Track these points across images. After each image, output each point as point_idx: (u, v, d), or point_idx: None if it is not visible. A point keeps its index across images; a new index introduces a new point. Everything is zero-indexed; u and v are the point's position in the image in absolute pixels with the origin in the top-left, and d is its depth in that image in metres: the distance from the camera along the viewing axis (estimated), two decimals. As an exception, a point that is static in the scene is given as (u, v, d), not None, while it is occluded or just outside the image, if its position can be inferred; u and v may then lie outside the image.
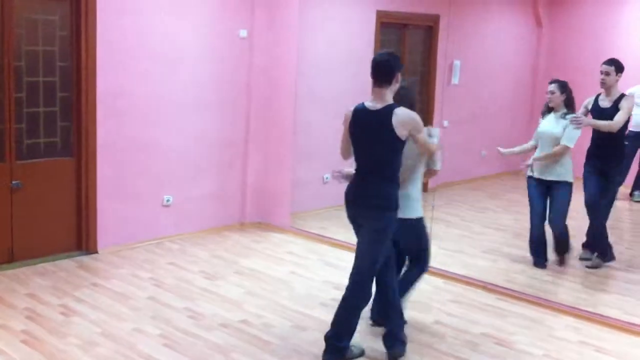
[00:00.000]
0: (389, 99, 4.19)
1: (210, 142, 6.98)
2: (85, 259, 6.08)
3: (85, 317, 4.84)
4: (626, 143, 6.44)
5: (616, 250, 6.53)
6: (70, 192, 6.09)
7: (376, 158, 4.22)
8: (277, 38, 7.17)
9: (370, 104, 4.23)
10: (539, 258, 6.32)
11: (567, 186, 6.07)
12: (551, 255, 6.35)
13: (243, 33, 7.05)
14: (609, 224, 6.43)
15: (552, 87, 6.12)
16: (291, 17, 7.08)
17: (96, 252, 6.22)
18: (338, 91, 8.08)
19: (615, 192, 6.43)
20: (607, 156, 6.21)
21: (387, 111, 4.12)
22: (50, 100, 5.91)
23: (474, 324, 5.02)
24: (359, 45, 8.24)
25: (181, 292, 5.41)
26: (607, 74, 6.23)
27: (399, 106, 4.14)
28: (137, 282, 5.60)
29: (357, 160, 4.35)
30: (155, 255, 6.28)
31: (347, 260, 6.37)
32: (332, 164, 8.10)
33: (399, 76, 4.23)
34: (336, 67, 8.05)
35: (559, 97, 6.07)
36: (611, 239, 6.47)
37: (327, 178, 8.20)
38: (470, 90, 9.65)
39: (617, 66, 6.24)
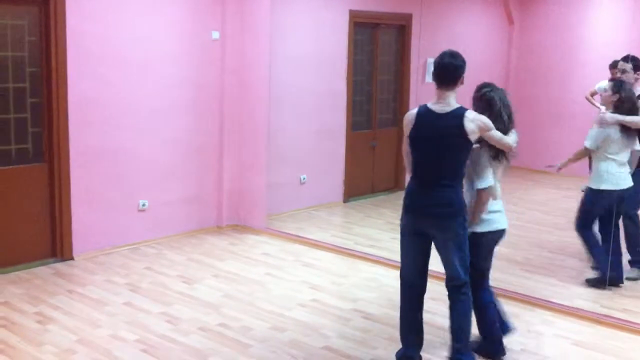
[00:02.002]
0: (454, 102, 4.02)
1: (184, 146, 6.95)
2: (61, 266, 6.02)
3: (61, 325, 4.80)
4: None
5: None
6: (44, 199, 6.02)
7: (445, 164, 4.01)
8: (249, 40, 7.15)
9: (436, 106, 4.02)
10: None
11: (589, 192, 5.78)
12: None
13: (215, 35, 7.02)
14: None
15: (607, 84, 5.72)
16: (263, 18, 7.07)
17: (71, 258, 6.16)
18: (312, 92, 8.10)
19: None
20: None
21: (459, 114, 3.94)
22: (21, 107, 5.84)
23: (452, 320, 5.04)
24: (332, 45, 8.26)
25: (158, 297, 5.38)
26: (624, 71, 5.91)
27: (467, 109, 4.00)
28: (113, 288, 5.55)
29: (419, 166, 4.09)
30: (132, 260, 6.24)
31: (323, 260, 6.41)
32: (308, 165, 8.18)
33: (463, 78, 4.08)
34: (309, 68, 8.05)
35: (609, 97, 5.62)
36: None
37: (303, 179, 8.21)
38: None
39: (635, 64, 5.91)
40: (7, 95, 5.75)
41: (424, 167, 4.08)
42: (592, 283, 5.85)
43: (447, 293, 4.28)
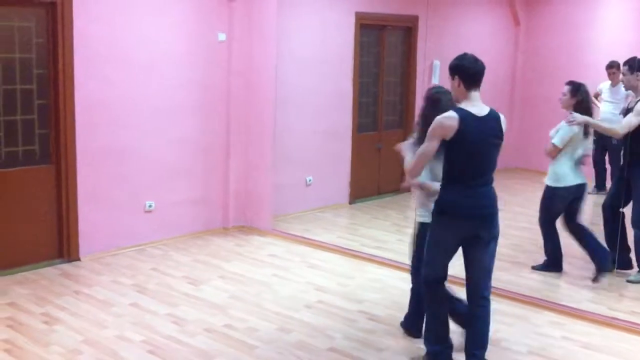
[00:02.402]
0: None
1: (191, 147, 6.96)
2: (67, 267, 6.03)
3: (67, 325, 4.80)
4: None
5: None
6: (51, 200, 6.03)
7: (491, 164, 4.10)
8: (255, 41, 7.16)
9: (473, 109, 4.01)
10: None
11: (546, 189, 6.07)
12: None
13: (221, 37, 7.03)
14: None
15: (565, 88, 5.96)
16: (270, 20, 7.07)
17: (78, 259, 6.17)
18: (318, 93, 8.10)
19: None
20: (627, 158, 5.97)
21: (496, 116, 4.07)
22: (28, 108, 5.85)
23: (458, 322, 5.03)
24: (338, 47, 8.26)
25: (164, 298, 5.38)
26: (623, 74, 6.00)
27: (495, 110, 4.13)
28: (119, 288, 5.56)
29: (463, 169, 4.03)
30: (138, 261, 6.24)
31: (329, 261, 6.39)
32: (314, 166, 8.17)
33: None
34: (316, 69, 8.05)
35: (568, 100, 5.91)
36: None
37: (309, 180, 8.21)
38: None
39: (630, 65, 5.92)
40: (15, 97, 5.77)
41: (472, 169, 4.04)
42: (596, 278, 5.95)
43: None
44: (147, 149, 6.58)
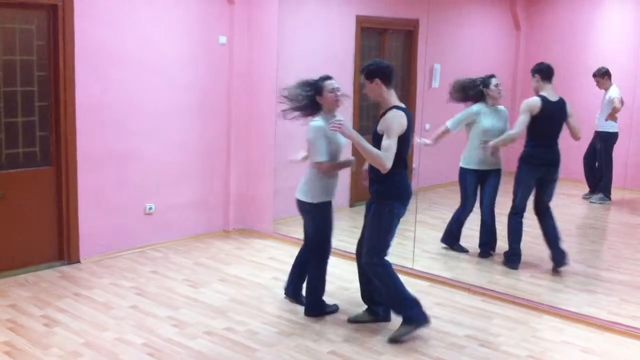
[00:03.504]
0: None
1: (192, 150, 6.96)
2: (67, 269, 6.03)
3: (67, 328, 4.80)
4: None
5: (598, 250, 6.56)
6: (51, 202, 6.04)
7: None
8: (256, 44, 7.17)
9: (402, 106, 4.64)
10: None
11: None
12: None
13: (222, 39, 7.03)
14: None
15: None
16: (270, 23, 7.08)
17: (78, 261, 6.18)
18: (319, 96, 8.08)
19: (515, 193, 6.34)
20: None
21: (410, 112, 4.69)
22: (29, 110, 5.86)
23: (458, 326, 5.03)
24: (339, 50, 8.26)
25: (164, 301, 5.38)
26: (532, 77, 6.25)
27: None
28: (119, 291, 5.56)
29: (404, 159, 4.64)
30: (138, 263, 6.24)
31: (330, 265, 6.36)
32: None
33: None
34: (316, 72, 8.00)
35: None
36: (584, 240, 6.46)
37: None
38: (450, 93, 9.71)
39: (532, 70, 6.24)
40: (16, 99, 5.77)
41: (406, 158, 4.67)
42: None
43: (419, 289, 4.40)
44: (148, 151, 6.58)
